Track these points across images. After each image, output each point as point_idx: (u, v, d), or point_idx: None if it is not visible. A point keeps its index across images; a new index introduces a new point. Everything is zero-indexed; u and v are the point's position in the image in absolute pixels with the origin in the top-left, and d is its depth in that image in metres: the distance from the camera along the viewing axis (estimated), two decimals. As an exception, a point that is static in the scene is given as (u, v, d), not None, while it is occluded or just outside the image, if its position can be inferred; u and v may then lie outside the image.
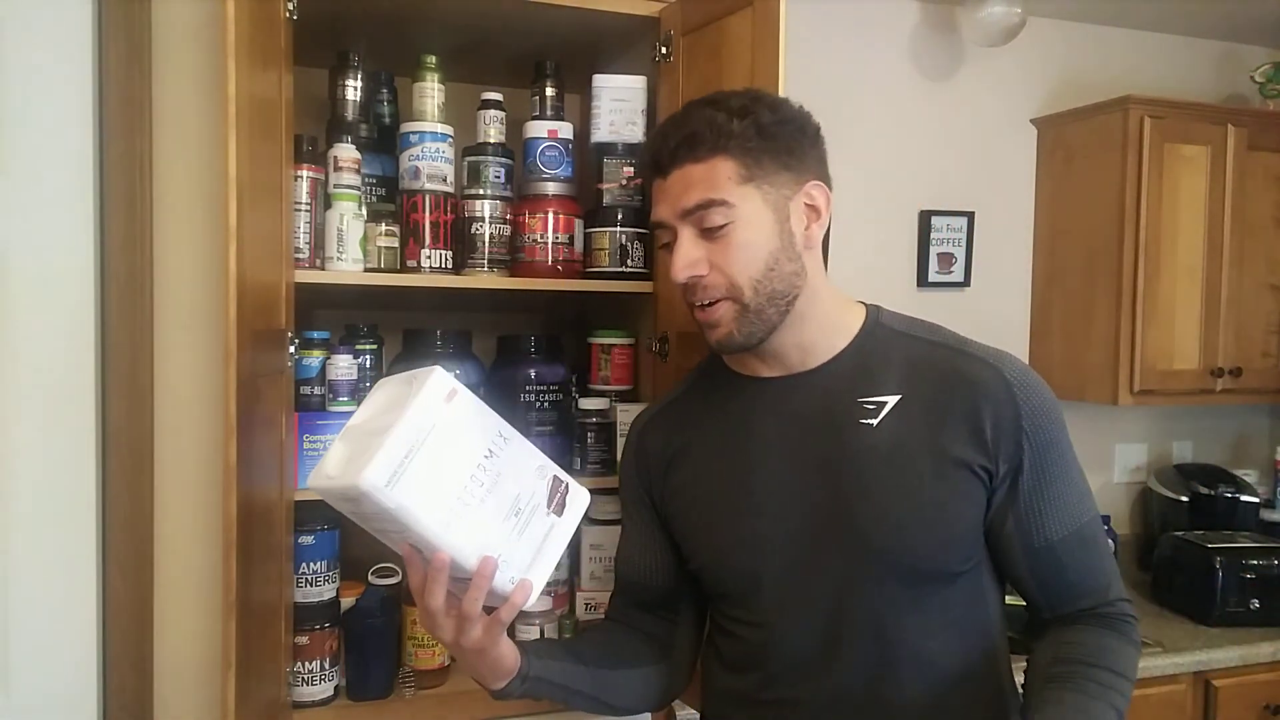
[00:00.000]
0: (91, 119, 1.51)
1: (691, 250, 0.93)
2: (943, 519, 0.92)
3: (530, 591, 0.88)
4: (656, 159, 0.95)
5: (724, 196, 0.91)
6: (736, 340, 0.96)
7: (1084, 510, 0.96)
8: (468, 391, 0.88)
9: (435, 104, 1.54)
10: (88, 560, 1.53)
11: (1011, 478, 0.94)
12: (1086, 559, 0.97)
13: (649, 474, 1.10)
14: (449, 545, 0.83)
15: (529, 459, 0.91)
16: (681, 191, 0.93)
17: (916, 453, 0.93)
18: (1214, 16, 2.42)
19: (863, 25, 2.26)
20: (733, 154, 0.92)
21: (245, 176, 1.13)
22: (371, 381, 1.58)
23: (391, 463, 0.80)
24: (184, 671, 1.61)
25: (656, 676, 1.10)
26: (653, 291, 1.59)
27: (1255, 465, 2.58)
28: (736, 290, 0.93)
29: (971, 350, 0.98)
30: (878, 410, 0.95)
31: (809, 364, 1.00)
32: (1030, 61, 2.41)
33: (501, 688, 0.96)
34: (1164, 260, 2.20)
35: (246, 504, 1.15)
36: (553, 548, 0.91)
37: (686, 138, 0.92)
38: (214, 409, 1.59)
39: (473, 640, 0.88)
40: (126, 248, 1.55)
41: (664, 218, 0.96)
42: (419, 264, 1.51)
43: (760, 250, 0.93)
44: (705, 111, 0.93)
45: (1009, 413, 0.93)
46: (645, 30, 1.57)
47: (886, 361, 0.98)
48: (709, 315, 0.96)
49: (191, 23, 1.59)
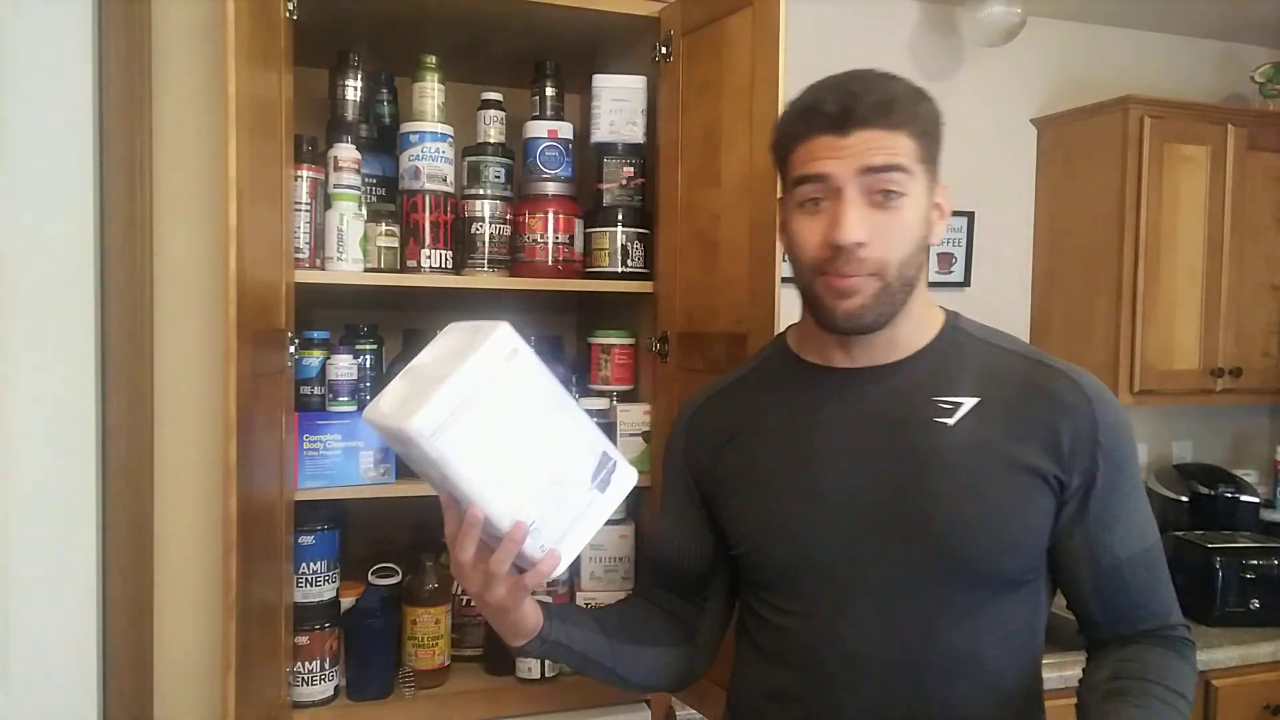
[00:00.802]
0: (91, 119, 1.51)
1: (862, 214, 0.89)
2: (1011, 526, 0.91)
3: (558, 562, 0.88)
4: (845, 112, 0.89)
5: (908, 166, 0.90)
6: (868, 319, 0.92)
7: (1151, 532, 0.96)
8: (530, 353, 0.87)
9: (435, 104, 1.54)
10: (88, 560, 1.53)
11: (1083, 492, 0.93)
12: (1151, 581, 0.96)
13: (698, 457, 1.08)
14: (484, 503, 0.84)
15: (581, 431, 0.90)
16: (865, 150, 0.89)
17: (990, 457, 0.92)
18: (1214, 16, 2.42)
19: (863, 25, 2.26)
20: (914, 132, 0.91)
21: (245, 176, 1.13)
22: (372, 381, 1.58)
23: (440, 413, 0.80)
24: (184, 671, 1.61)
25: (676, 659, 1.09)
26: (653, 291, 1.59)
27: (1255, 465, 2.58)
28: (884, 267, 0.91)
29: (1050, 362, 0.97)
30: (954, 410, 0.94)
31: (889, 358, 0.98)
32: (1030, 61, 2.41)
33: (520, 645, 0.98)
34: (1164, 260, 2.20)
35: (246, 504, 1.15)
36: (589, 523, 0.90)
37: (883, 102, 0.89)
38: (214, 409, 1.59)
39: (496, 598, 0.90)
40: (126, 248, 1.55)
41: (833, 171, 0.90)
42: (419, 264, 1.51)
43: (914, 232, 0.92)
44: (890, 84, 0.92)
45: (1087, 426, 0.92)
46: (645, 30, 1.57)
47: (965, 364, 0.97)
48: (848, 284, 0.91)
49: (191, 23, 1.59)
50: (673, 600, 1.12)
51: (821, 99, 0.92)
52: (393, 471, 1.51)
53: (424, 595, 1.57)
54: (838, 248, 0.89)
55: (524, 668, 1.58)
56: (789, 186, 0.96)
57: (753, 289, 1.34)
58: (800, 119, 0.94)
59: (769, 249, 1.30)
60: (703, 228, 1.46)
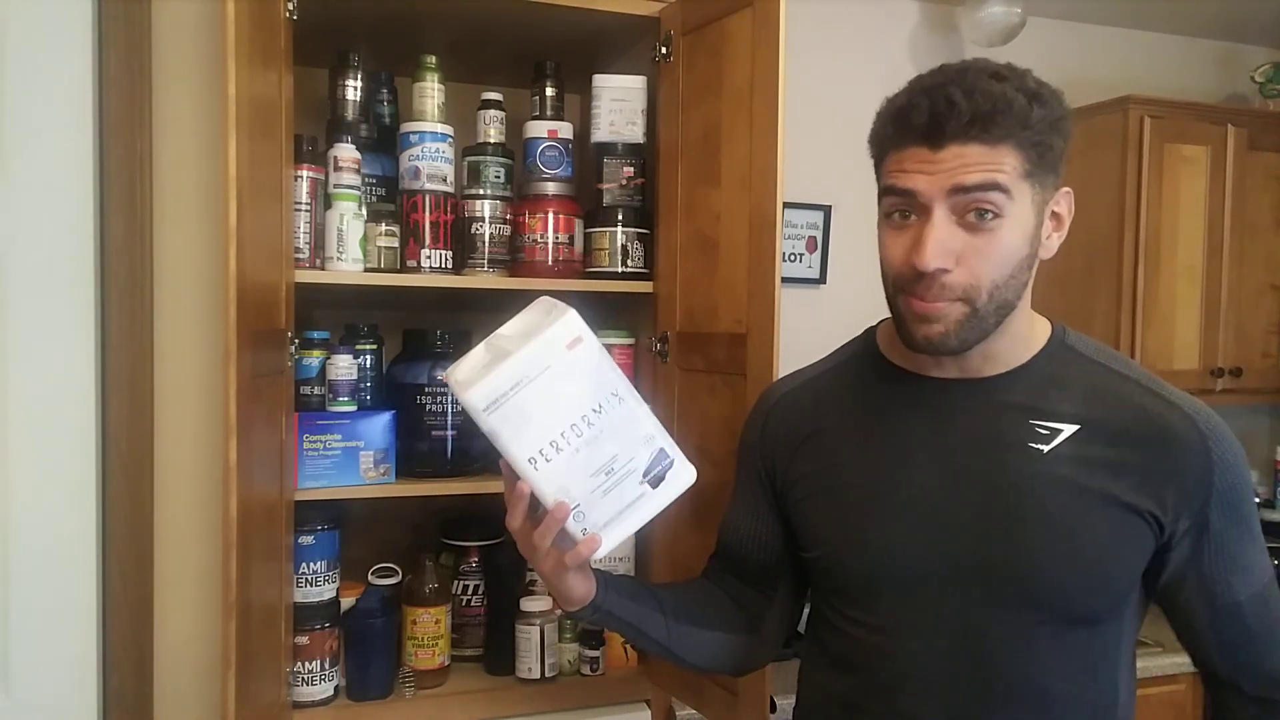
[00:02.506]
0: (91, 119, 1.51)
1: (947, 237, 0.83)
2: (1100, 565, 0.86)
3: (597, 547, 0.90)
4: (937, 126, 0.82)
5: (1007, 184, 0.82)
6: (952, 344, 0.87)
7: (1266, 568, 0.91)
8: (595, 342, 0.89)
9: (435, 104, 1.54)
10: (88, 560, 1.53)
11: (1196, 534, 0.88)
12: (1269, 620, 0.91)
13: (773, 453, 1.05)
14: (530, 479, 0.88)
15: (639, 424, 0.92)
16: (958, 167, 0.82)
17: (1086, 490, 0.86)
18: (1214, 16, 2.41)
19: (863, 25, 2.26)
20: (1022, 145, 0.82)
21: (245, 176, 1.13)
22: (372, 381, 1.58)
23: (496, 391, 0.85)
24: (184, 671, 1.61)
25: (735, 645, 1.08)
26: (652, 291, 1.59)
27: (1255, 465, 2.58)
28: (974, 293, 0.84)
29: (1164, 393, 0.91)
30: (1051, 436, 0.88)
31: (985, 372, 0.92)
32: (1030, 61, 2.38)
33: (571, 611, 1.00)
34: (1164, 260, 2.20)
35: (246, 504, 1.15)
36: (636, 516, 0.92)
37: (984, 114, 0.81)
38: (214, 409, 1.59)
39: (542, 567, 0.94)
40: (126, 248, 1.55)
41: (921, 188, 0.83)
42: (419, 264, 1.51)
43: (1014, 255, 0.85)
44: (999, 87, 0.82)
45: (1199, 465, 0.87)
46: (645, 30, 1.57)
47: (1068, 386, 0.91)
48: (931, 309, 0.85)
49: (191, 23, 1.59)
50: (738, 587, 1.10)
51: (916, 104, 0.84)
52: (393, 471, 1.51)
53: (424, 595, 1.57)
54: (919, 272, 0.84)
55: (524, 668, 1.58)
56: (879, 192, 0.90)
57: (752, 289, 1.33)
58: (894, 123, 0.87)
59: (769, 249, 1.30)
60: (703, 228, 1.46)
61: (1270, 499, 2.49)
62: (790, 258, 2.19)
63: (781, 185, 1.28)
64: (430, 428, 1.55)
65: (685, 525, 1.45)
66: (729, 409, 1.38)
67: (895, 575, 0.92)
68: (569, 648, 1.63)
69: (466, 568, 1.66)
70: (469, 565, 1.66)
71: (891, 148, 0.87)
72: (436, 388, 1.56)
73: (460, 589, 1.66)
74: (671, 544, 1.51)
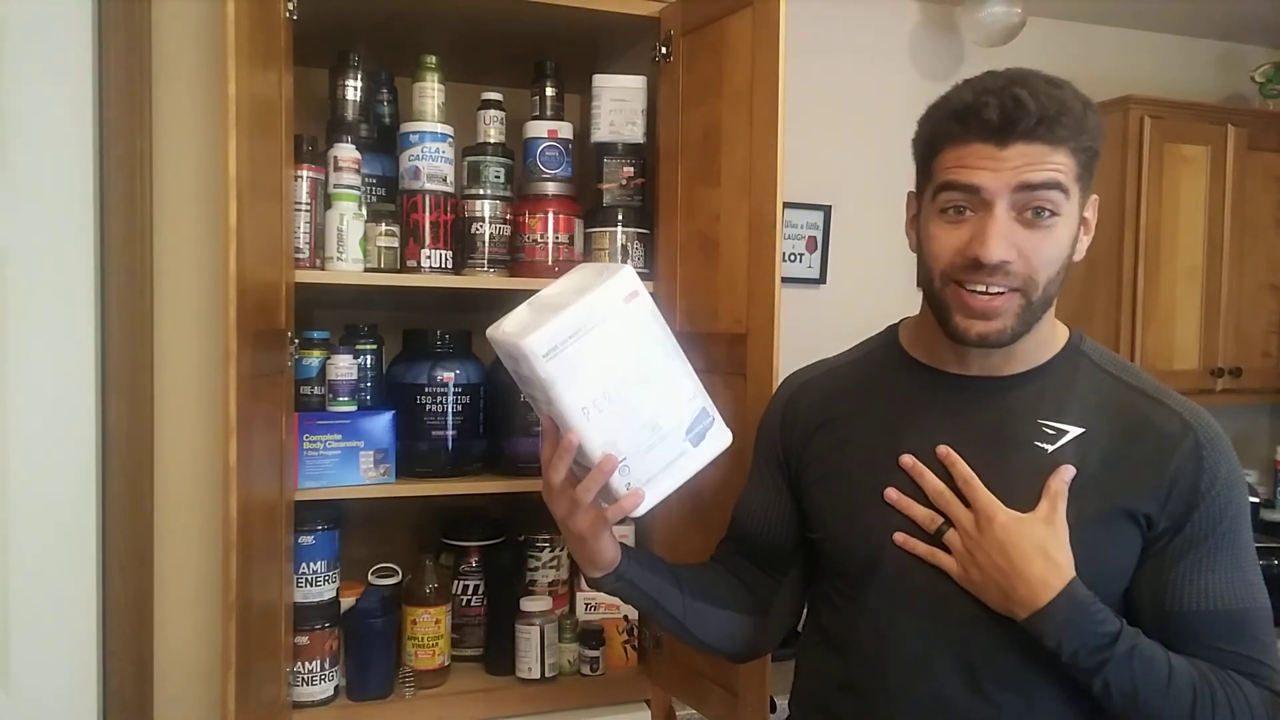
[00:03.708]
0: (91, 119, 1.51)
1: (1009, 232, 0.86)
2: (1094, 563, 0.88)
3: (640, 501, 0.91)
4: (1009, 123, 0.85)
5: (1067, 184, 0.86)
6: (1005, 338, 0.90)
7: (1243, 597, 0.89)
8: (648, 299, 0.92)
9: (435, 104, 1.54)
10: (88, 560, 1.53)
11: (1169, 537, 0.89)
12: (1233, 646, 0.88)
13: (791, 436, 1.08)
14: (581, 430, 0.88)
15: (684, 383, 0.94)
16: (1023, 166, 0.85)
17: (1084, 491, 0.89)
18: (1214, 16, 2.41)
19: (863, 25, 2.25)
20: (1077, 150, 0.87)
21: (245, 176, 1.13)
22: (372, 381, 1.59)
23: (556, 337, 0.86)
24: (184, 671, 1.61)
25: (746, 627, 1.10)
26: (653, 291, 1.59)
27: (1255, 465, 2.58)
28: (1031, 285, 0.88)
29: (1168, 401, 0.93)
30: (1057, 437, 0.91)
31: (1002, 371, 0.95)
32: (1030, 61, 2.38)
33: (596, 578, 1.02)
34: (1164, 260, 2.20)
35: (246, 504, 1.15)
36: (677, 473, 0.93)
37: (1050, 116, 0.85)
38: (214, 409, 1.59)
39: (578, 525, 0.94)
40: (126, 248, 1.55)
41: (987, 185, 0.86)
42: (419, 264, 1.51)
43: (1063, 253, 0.89)
44: (1059, 93, 0.87)
45: (1190, 471, 0.88)
46: (645, 30, 1.57)
47: (1077, 391, 0.94)
48: (991, 304, 0.88)
49: (191, 23, 1.59)
50: (750, 570, 1.12)
51: (985, 103, 0.86)
52: (393, 471, 1.51)
53: (424, 595, 1.57)
54: (978, 263, 0.87)
55: (524, 668, 1.58)
56: (932, 187, 0.92)
57: (752, 289, 1.34)
58: (956, 121, 0.89)
59: (769, 249, 1.30)
60: (703, 228, 1.46)
61: (1270, 499, 2.49)
62: (790, 258, 2.19)
63: (781, 185, 1.28)
64: (430, 428, 1.55)
65: (686, 525, 1.45)
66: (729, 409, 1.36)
67: (891, 560, 0.95)
68: (569, 648, 1.64)
69: (466, 568, 1.66)
70: (469, 565, 1.66)
71: (951, 144, 0.90)
72: (436, 388, 1.56)
73: (460, 589, 1.66)
74: (673, 543, 1.51)
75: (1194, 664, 0.87)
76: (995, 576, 0.88)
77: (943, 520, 0.92)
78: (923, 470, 0.94)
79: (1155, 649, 0.87)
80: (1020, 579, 0.86)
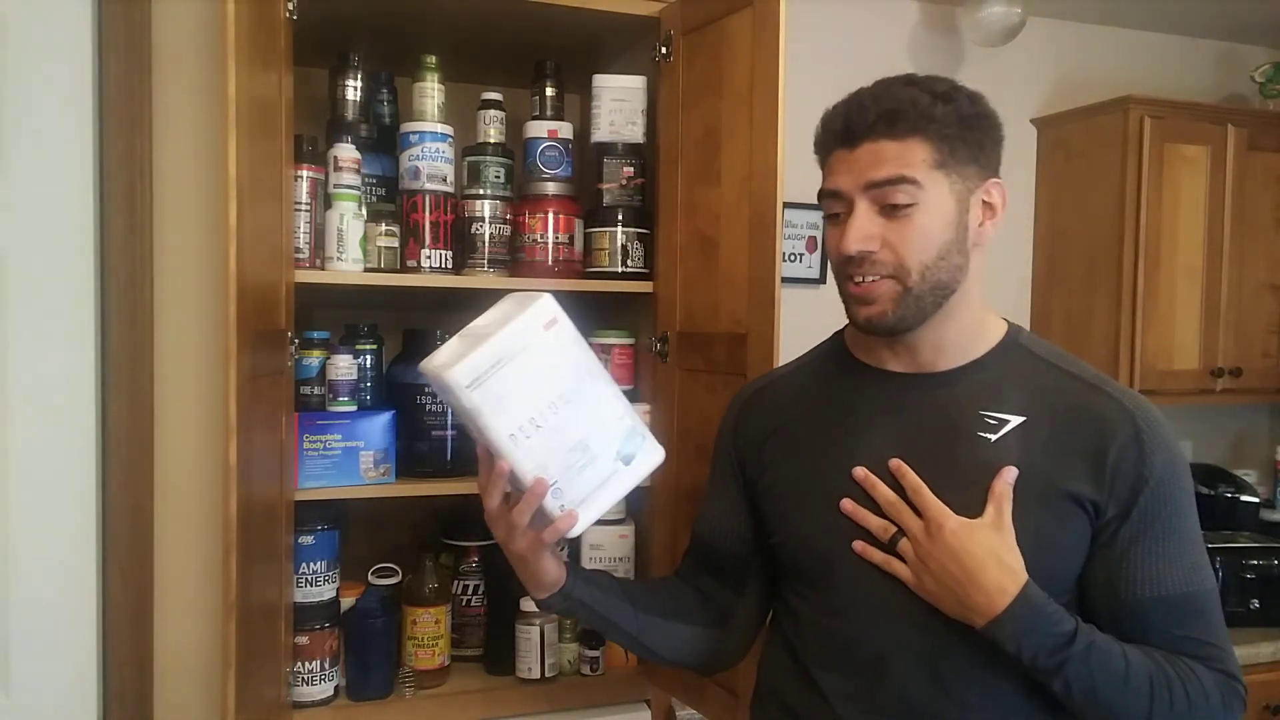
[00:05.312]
0: (91, 119, 1.51)
1: (867, 224, 0.92)
2: (1043, 549, 0.90)
3: (574, 523, 0.93)
4: (850, 129, 0.93)
5: (915, 176, 0.91)
6: (889, 320, 0.94)
7: (1192, 580, 0.91)
8: (569, 325, 0.94)
9: (435, 104, 1.54)
10: (88, 560, 1.53)
11: (1117, 524, 0.91)
12: (1184, 630, 0.91)
13: (744, 445, 1.10)
14: (510, 456, 0.90)
15: (612, 404, 0.97)
16: (870, 164, 0.92)
17: (1029, 478, 0.91)
18: (1214, 16, 2.41)
19: (863, 25, 2.25)
20: (930, 137, 0.91)
21: (245, 176, 1.13)
22: (372, 381, 1.59)
23: (478, 368, 0.89)
24: (184, 671, 1.61)
25: (704, 639, 1.11)
26: (652, 291, 1.59)
27: (1255, 465, 2.58)
28: (904, 271, 0.92)
29: (1107, 389, 0.95)
30: (999, 426, 0.94)
31: (939, 366, 0.98)
32: (1030, 61, 2.41)
33: (542, 599, 1.04)
34: (1164, 260, 2.20)
35: (246, 504, 1.15)
36: (609, 493, 0.96)
37: (887, 113, 0.91)
38: (214, 409, 1.59)
39: (518, 547, 0.97)
40: (126, 248, 1.55)
41: (843, 187, 0.94)
42: (419, 264, 1.51)
43: (936, 238, 0.92)
44: (908, 90, 0.92)
45: (1131, 456, 0.90)
46: (645, 30, 1.57)
47: (1017, 381, 0.96)
48: (867, 290, 0.94)
49: (191, 23, 1.59)
50: (709, 583, 1.13)
51: (836, 113, 0.96)
52: (393, 471, 1.51)
53: (424, 595, 1.57)
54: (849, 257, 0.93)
55: (524, 668, 1.58)
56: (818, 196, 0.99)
57: (752, 289, 1.34)
58: (821, 134, 0.98)
59: (769, 249, 1.30)
60: (703, 227, 1.46)
61: (1270, 499, 2.49)
62: (790, 258, 2.19)
63: (781, 185, 1.29)
64: (430, 428, 1.55)
65: (686, 524, 1.45)
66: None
67: (847, 560, 0.96)
68: (569, 648, 1.64)
69: (466, 568, 1.66)
70: (469, 565, 1.66)
71: (824, 156, 0.98)
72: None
73: (460, 589, 1.66)
74: (672, 544, 1.51)
75: (1149, 654, 0.89)
76: (950, 585, 0.89)
77: (896, 529, 0.93)
78: (875, 481, 0.96)
79: (1111, 644, 0.88)
80: (976, 587, 0.88)
